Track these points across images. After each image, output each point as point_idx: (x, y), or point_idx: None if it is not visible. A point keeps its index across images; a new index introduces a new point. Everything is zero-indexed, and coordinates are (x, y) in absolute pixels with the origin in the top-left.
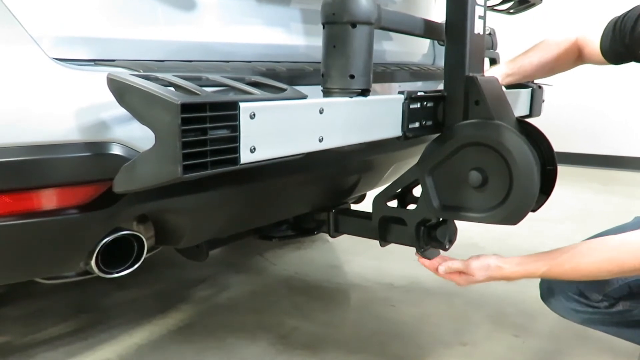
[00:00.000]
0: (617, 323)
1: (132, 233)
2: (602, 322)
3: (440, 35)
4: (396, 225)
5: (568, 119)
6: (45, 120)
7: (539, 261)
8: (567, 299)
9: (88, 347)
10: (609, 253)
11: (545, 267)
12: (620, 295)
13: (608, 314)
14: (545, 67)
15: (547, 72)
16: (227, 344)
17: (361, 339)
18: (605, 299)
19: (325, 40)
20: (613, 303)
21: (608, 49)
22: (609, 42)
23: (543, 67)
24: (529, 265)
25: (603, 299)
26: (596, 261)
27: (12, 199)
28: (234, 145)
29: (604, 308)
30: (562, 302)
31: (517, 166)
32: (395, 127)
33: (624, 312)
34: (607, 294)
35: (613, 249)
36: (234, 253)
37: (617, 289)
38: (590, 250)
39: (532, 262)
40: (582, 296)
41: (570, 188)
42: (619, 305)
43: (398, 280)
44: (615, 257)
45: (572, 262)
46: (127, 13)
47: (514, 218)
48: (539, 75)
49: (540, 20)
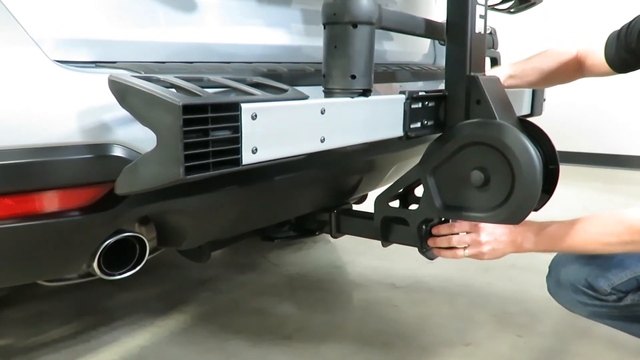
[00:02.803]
0: (625, 317)
1: (135, 235)
2: (609, 316)
3: (441, 35)
4: (398, 225)
5: (570, 118)
6: (46, 123)
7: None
8: (575, 292)
9: (91, 349)
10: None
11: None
12: (629, 289)
13: (616, 308)
14: (546, 76)
15: (547, 80)
16: (230, 345)
17: (364, 339)
18: (614, 292)
19: (326, 40)
20: (622, 296)
21: (614, 57)
22: (614, 49)
23: (544, 76)
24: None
25: (612, 292)
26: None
27: (14, 201)
28: (235, 146)
29: (612, 301)
30: (570, 294)
31: (519, 165)
32: (396, 127)
33: (632, 306)
34: (615, 287)
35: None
36: (236, 254)
37: (626, 282)
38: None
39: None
40: (591, 289)
41: (572, 187)
42: (627, 299)
43: (400, 280)
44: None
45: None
46: (128, 15)
47: (517, 217)
48: (539, 82)
49: (541, 19)
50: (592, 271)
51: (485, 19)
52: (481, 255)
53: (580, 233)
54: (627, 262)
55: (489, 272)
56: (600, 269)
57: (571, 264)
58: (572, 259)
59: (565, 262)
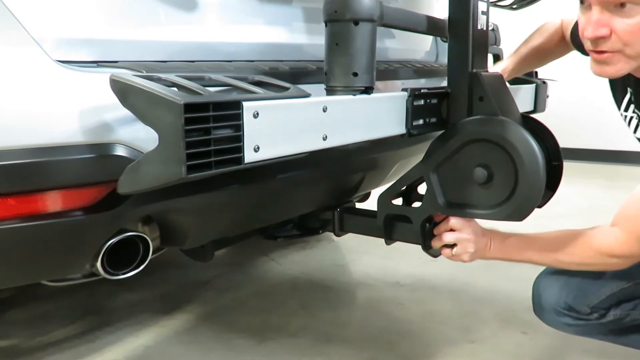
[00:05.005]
0: (612, 331)
1: (138, 234)
2: (597, 332)
3: (443, 32)
4: (401, 223)
5: (573, 114)
6: (49, 123)
7: (517, 252)
8: (558, 315)
9: (95, 349)
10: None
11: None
12: (610, 305)
13: (601, 325)
14: (542, 52)
15: (544, 56)
16: (234, 345)
17: (369, 338)
18: (595, 310)
19: (328, 38)
20: (603, 313)
21: (575, 39)
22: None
23: (541, 52)
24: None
25: (592, 311)
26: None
27: (17, 201)
28: (237, 145)
29: (595, 320)
30: (553, 317)
31: (522, 162)
32: (399, 125)
33: (616, 321)
34: (595, 306)
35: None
36: (239, 253)
37: (605, 299)
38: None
39: (512, 251)
40: (572, 310)
41: (576, 184)
42: (609, 315)
43: (404, 278)
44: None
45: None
46: (129, 14)
47: (520, 214)
48: (538, 60)
49: (543, 15)
50: (569, 293)
51: (488, 15)
52: (464, 256)
53: (541, 247)
54: (603, 281)
55: (492, 270)
56: (578, 289)
57: (550, 288)
58: (551, 281)
59: (545, 286)
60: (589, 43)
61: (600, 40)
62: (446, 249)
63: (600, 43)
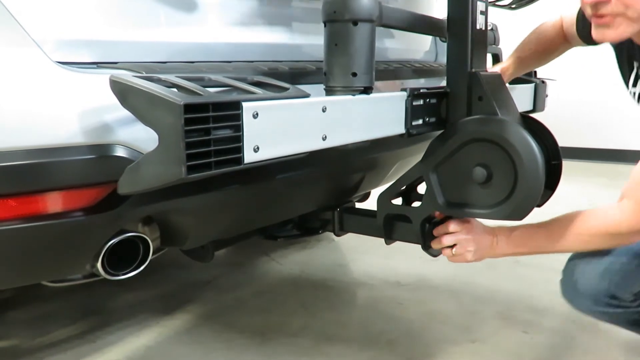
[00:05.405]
0: None
1: (138, 235)
2: (629, 321)
3: (442, 32)
4: (401, 222)
5: (572, 114)
6: (49, 124)
7: (525, 243)
8: (597, 303)
9: (96, 350)
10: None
11: (529, 250)
12: None
13: (638, 312)
14: (542, 51)
15: (544, 55)
16: (235, 345)
17: (369, 338)
18: (638, 297)
19: (327, 38)
20: None
21: (581, 27)
22: (581, 17)
23: (540, 51)
24: (518, 247)
25: (635, 298)
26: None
27: (17, 202)
28: (237, 145)
29: (634, 307)
30: (589, 305)
31: (521, 161)
32: (398, 125)
33: None
34: (638, 293)
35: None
36: (240, 253)
37: None
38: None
39: (520, 243)
40: (614, 298)
41: (575, 183)
42: None
43: (405, 278)
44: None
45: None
46: (129, 15)
47: (520, 213)
48: (537, 59)
49: (542, 15)
50: (612, 280)
51: (487, 15)
52: (467, 255)
53: (548, 233)
54: None
55: (493, 270)
56: (621, 276)
57: (588, 274)
58: (588, 267)
59: (582, 272)
60: (589, 8)
61: (601, 4)
62: (446, 250)
63: (601, 7)
